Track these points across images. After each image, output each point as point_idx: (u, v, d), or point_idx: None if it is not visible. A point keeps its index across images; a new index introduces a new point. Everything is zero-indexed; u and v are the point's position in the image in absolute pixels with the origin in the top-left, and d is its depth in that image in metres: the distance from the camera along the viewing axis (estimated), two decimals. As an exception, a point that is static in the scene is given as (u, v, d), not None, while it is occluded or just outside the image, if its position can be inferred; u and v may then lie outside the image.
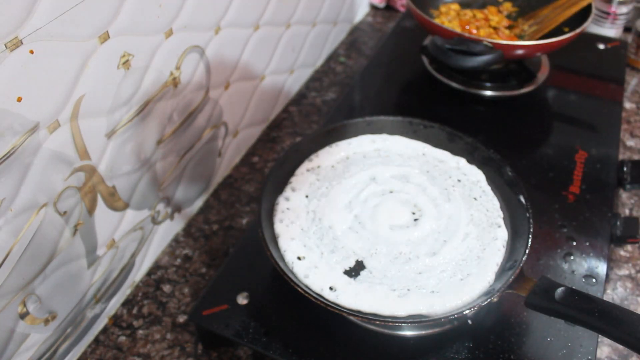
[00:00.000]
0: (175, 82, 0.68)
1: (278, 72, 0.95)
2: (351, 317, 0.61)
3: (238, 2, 0.76)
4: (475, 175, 0.70)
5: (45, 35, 0.48)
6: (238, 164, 0.91)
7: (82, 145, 0.57)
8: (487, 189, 0.68)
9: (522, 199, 0.64)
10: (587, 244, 0.70)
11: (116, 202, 0.65)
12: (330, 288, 0.57)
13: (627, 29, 1.15)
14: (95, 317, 0.68)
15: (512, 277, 0.56)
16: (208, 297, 0.64)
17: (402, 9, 1.27)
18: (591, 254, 0.69)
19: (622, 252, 0.76)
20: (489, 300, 0.54)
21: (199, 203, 0.84)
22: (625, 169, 0.80)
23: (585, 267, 0.67)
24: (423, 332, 0.61)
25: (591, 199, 0.75)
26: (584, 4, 0.92)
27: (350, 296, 0.56)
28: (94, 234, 0.63)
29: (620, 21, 1.10)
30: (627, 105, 1.00)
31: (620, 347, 0.65)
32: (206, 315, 0.62)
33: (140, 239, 0.72)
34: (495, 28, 0.96)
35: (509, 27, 0.97)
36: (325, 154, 0.72)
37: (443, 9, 1.00)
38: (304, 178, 0.69)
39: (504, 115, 0.91)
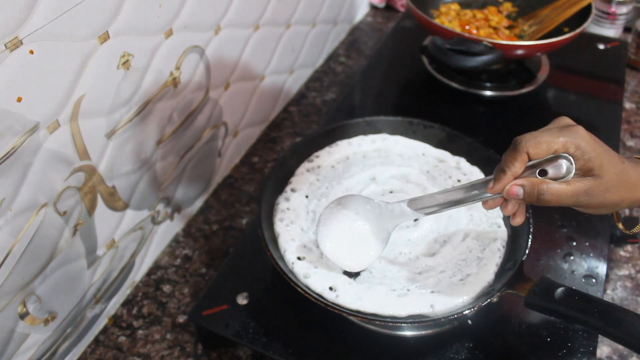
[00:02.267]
0: (175, 82, 0.68)
1: (278, 72, 0.95)
2: (351, 317, 0.61)
3: (238, 2, 0.76)
4: (475, 175, 0.70)
5: (45, 35, 0.48)
6: (238, 164, 0.91)
7: (82, 146, 0.57)
8: (487, 189, 0.68)
9: (522, 199, 0.64)
10: (587, 244, 0.70)
11: (116, 202, 0.65)
12: (330, 288, 0.57)
13: (627, 29, 1.15)
14: (95, 317, 0.68)
15: (512, 277, 0.56)
16: (208, 297, 0.64)
17: (402, 9, 1.27)
18: (591, 254, 0.69)
19: (622, 252, 0.76)
20: (488, 300, 0.54)
21: (199, 203, 0.84)
22: (625, 169, 0.80)
23: (585, 267, 0.67)
24: (423, 332, 0.61)
25: (591, 199, 0.75)
26: (584, 4, 0.92)
27: (350, 296, 0.56)
28: (94, 234, 0.63)
29: (620, 21, 1.10)
30: (627, 105, 1.00)
31: (620, 347, 0.65)
32: (206, 315, 0.62)
33: (140, 239, 0.72)
34: (495, 28, 0.96)
35: (509, 27, 0.97)
36: (325, 154, 0.72)
37: (443, 9, 1.00)
38: (304, 178, 0.69)
39: (504, 115, 0.91)
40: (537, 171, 0.48)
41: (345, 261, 0.58)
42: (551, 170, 0.48)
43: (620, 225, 0.59)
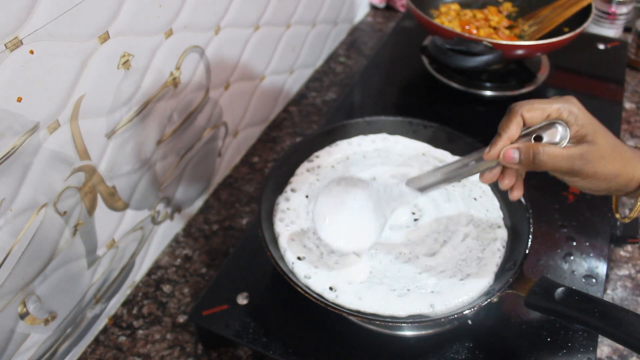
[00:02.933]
0: (175, 82, 0.68)
1: (278, 72, 0.95)
2: (351, 317, 0.61)
3: (238, 2, 0.76)
4: (475, 175, 0.70)
5: (45, 35, 0.48)
6: (238, 164, 0.91)
7: (82, 146, 0.57)
8: (487, 189, 0.68)
9: (522, 199, 0.64)
10: (587, 244, 0.70)
11: (116, 202, 0.65)
12: (330, 288, 0.57)
13: (627, 29, 1.15)
14: (95, 317, 0.68)
15: (512, 277, 0.56)
16: (208, 297, 0.64)
17: (402, 9, 1.27)
18: (591, 254, 0.69)
19: (622, 252, 0.76)
20: (488, 300, 0.54)
21: (199, 203, 0.84)
22: (625, 169, 0.80)
23: (585, 267, 0.67)
24: (423, 332, 0.61)
25: (591, 199, 0.75)
26: (584, 4, 0.92)
27: (350, 296, 0.56)
28: (94, 234, 0.63)
29: (620, 21, 1.10)
30: (627, 105, 1.00)
31: (620, 347, 0.65)
32: (206, 315, 0.62)
33: (140, 239, 0.72)
34: (495, 28, 0.96)
35: (509, 27, 0.97)
36: (325, 154, 0.72)
37: (443, 9, 1.00)
38: (304, 178, 0.69)
39: (504, 115, 0.91)
40: (533, 137, 0.49)
41: (341, 244, 0.57)
42: (546, 136, 0.49)
43: (617, 215, 0.59)
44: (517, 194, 0.53)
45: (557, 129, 0.48)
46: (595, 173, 0.49)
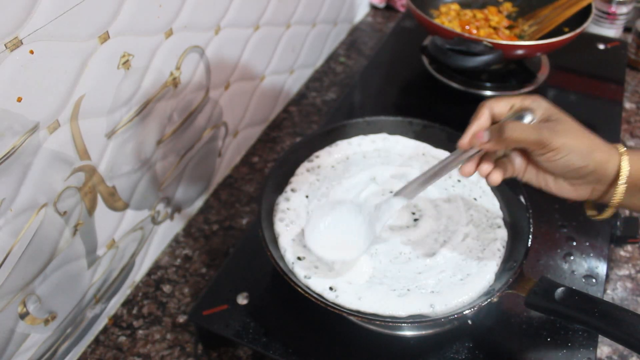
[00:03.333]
0: (175, 82, 0.68)
1: (278, 72, 0.95)
2: (351, 317, 0.61)
3: (238, 2, 0.76)
4: (475, 175, 0.70)
5: (45, 35, 0.48)
6: (238, 164, 0.91)
7: (82, 145, 0.57)
8: (487, 189, 0.68)
9: (522, 199, 0.64)
10: (587, 244, 0.70)
11: (116, 202, 0.65)
12: (330, 288, 0.57)
13: (627, 29, 1.15)
14: (95, 317, 0.68)
15: (512, 277, 0.56)
16: (208, 297, 0.64)
17: (402, 9, 1.27)
18: (591, 254, 0.69)
19: (622, 252, 0.76)
20: (489, 300, 0.54)
21: (199, 203, 0.84)
22: (625, 169, 0.80)
23: (585, 267, 0.67)
24: (423, 332, 0.61)
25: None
26: (584, 4, 0.92)
27: (350, 296, 0.56)
28: (94, 234, 0.63)
29: (620, 21, 1.10)
30: (627, 105, 1.00)
31: (620, 347, 0.65)
32: (206, 315, 0.62)
33: (140, 239, 0.72)
34: (495, 28, 0.96)
35: (509, 27, 0.97)
36: (325, 154, 0.72)
37: (443, 9, 1.00)
38: (304, 178, 0.69)
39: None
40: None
41: (325, 253, 0.58)
42: None
43: (589, 213, 0.58)
44: (495, 178, 0.54)
45: (524, 115, 0.52)
46: (564, 144, 0.49)
